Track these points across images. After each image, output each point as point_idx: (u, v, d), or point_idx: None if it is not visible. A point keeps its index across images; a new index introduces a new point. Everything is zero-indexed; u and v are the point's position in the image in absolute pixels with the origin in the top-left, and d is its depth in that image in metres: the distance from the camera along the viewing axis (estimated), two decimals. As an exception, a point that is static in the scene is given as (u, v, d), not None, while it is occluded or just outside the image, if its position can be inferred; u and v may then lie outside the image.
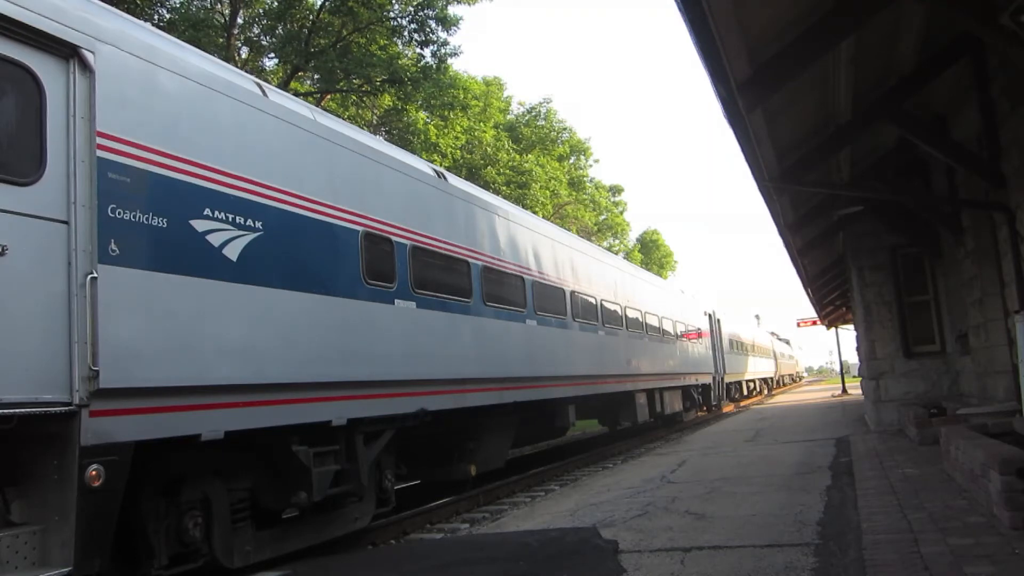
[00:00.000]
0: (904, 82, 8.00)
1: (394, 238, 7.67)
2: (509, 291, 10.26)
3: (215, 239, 5.45)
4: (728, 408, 28.84)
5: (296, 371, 6.09)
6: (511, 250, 10.50)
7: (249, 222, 5.79)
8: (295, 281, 6.20)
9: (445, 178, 9.24)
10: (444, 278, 8.62)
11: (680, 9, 5.02)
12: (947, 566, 3.93)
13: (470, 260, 9.17)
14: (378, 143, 8.40)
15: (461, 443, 9.56)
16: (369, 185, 7.49)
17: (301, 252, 6.33)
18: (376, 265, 7.30)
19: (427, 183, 8.63)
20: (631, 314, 15.89)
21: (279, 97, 6.77)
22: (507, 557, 5.32)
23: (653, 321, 17.69)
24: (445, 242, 8.69)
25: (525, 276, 10.79)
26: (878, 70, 7.99)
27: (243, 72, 7.01)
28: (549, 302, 11.52)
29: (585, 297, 13.20)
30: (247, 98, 6.10)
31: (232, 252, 5.58)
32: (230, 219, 5.61)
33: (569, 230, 22.39)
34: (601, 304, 14.02)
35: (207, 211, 5.41)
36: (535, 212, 22.23)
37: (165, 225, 5.06)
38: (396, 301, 7.53)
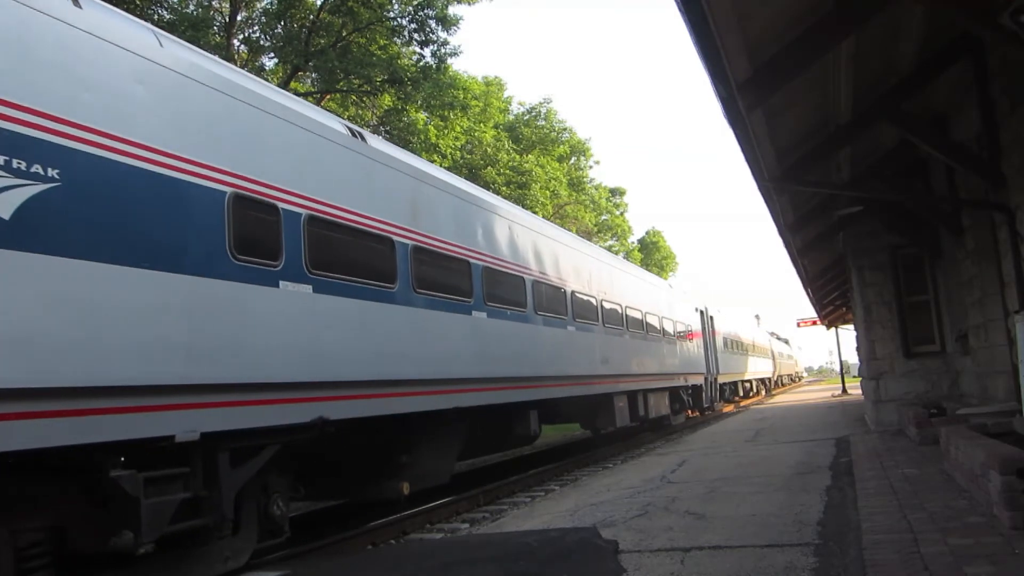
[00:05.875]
0: (904, 82, 8.03)
1: (281, 204, 6.22)
2: (450, 277, 8.80)
3: None
4: (728, 408, 28.84)
5: (110, 371, 4.66)
6: (455, 229, 9.02)
7: (36, 169, 4.36)
8: (114, 252, 4.76)
9: (364, 139, 7.78)
10: (357, 258, 7.20)
11: (680, 9, 5.04)
12: (947, 566, 3.93)
13: (395, 238, 7.70)
14: (265, 88, 6.80)
15: (390, 456, 8.07)
16: (245, 138, 6.04)
17: (127, 215, 4.90)
18: (251, 237, 5.89)
19: (336, 142, 7.17)
20: (608, 307, 14.35)
21: (97, 10, 5.16)
22: (507, 557, 5.30)
23: (636, 316, 16.12)
24: (359, 214, 7.19)
25: (472, 260, 9.26)
26: (878, 70, 8.00)
27: None
28: (504, 291, 9.99)
29: (551, 287, 11.71)
30: (39, 4, 4.61)
31: (3, 208, 4.17)
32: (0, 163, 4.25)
33: (569, 230, 22.29)
34: (572, 296, 12.43)
35: None
36: (535, 212, 21.99)
37: None
38: (282, 283, 6.13)
